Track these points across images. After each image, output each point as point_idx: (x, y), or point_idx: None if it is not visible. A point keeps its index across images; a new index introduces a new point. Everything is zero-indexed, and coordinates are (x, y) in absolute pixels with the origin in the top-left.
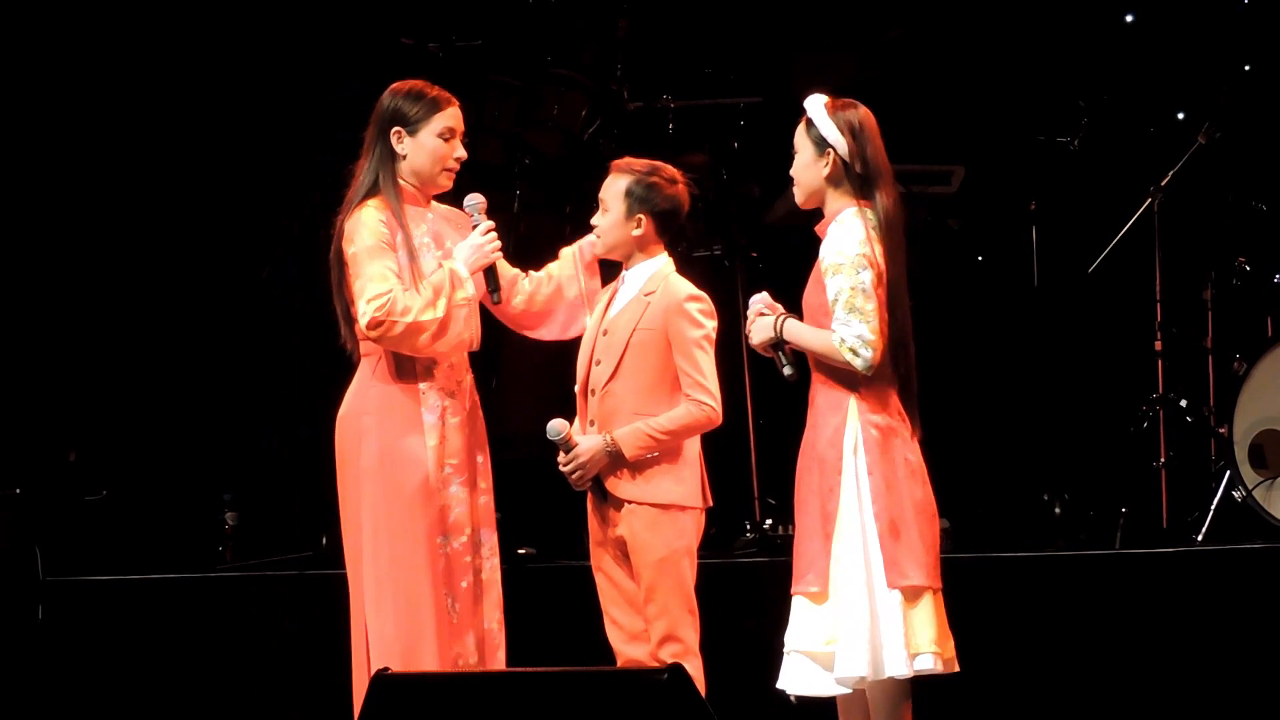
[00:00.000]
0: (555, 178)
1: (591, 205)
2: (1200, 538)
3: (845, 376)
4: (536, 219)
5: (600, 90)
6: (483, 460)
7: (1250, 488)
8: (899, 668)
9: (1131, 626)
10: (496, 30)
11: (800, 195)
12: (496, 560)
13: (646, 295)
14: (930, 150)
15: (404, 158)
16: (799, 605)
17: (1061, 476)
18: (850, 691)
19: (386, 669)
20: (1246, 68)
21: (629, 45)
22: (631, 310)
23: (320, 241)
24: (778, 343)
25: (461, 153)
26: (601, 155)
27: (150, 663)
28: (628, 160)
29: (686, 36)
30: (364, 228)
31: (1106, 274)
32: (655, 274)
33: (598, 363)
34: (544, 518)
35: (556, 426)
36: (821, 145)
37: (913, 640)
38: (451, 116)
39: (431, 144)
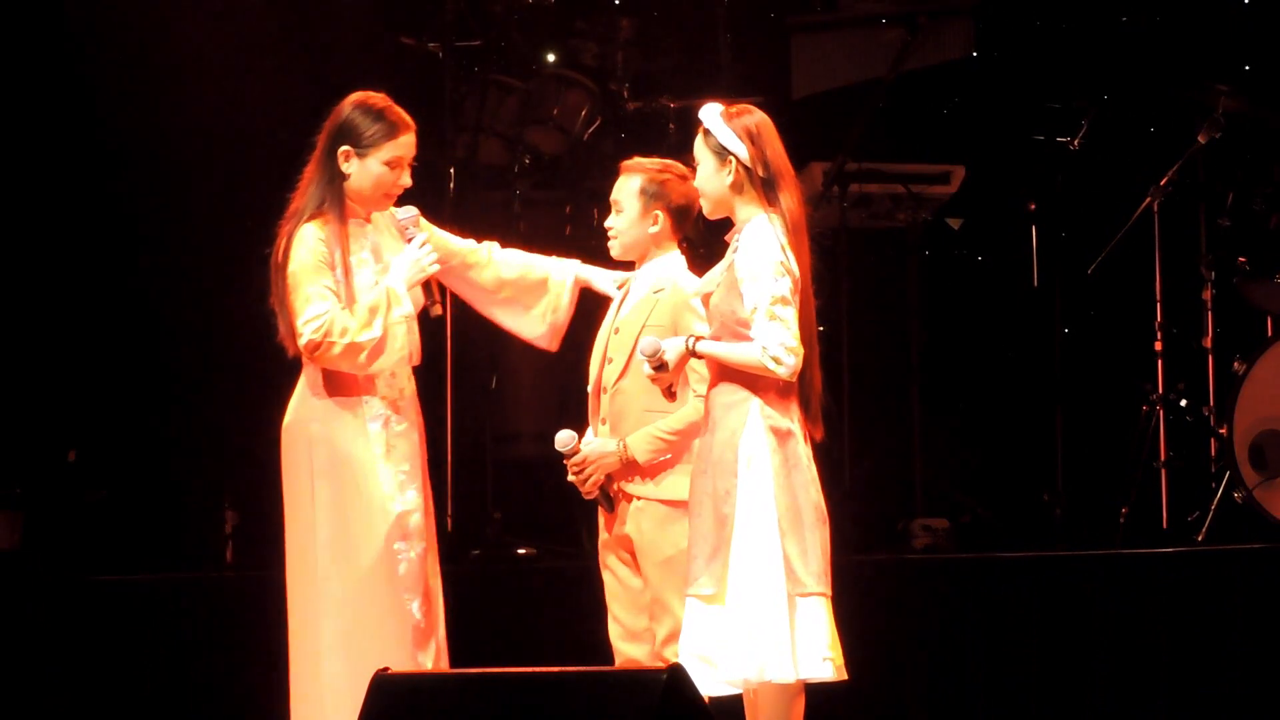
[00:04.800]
0: (555, 178)
1: (591, 205)
2: (1200, 538)
3: (747, 379)
4: (536, 219)
5: (600, 90)
6: (423, 469)
7: (1250, 488)
8: (788, 672)
9: (1131, 626)
10: (496, 30)
11: (707, 206)
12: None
13: (656, 293)
14: (930, 150)
15: (347, 177)
16: (692, 607)
17: (1062, 476)
18: (744, 691)
19: (386, 669)
20: (1246, 68)
21: (629, 45)
22: (641, 308)
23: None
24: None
25: (406, 181)
26: (601, 155)
27: (151, 663)
28: (637, 160)
29: (687, 36)
30: (303, 246)
31: (1106, 274)
32: (665, 273)
33: (609, 361)
34: (544, 518)
35: (564, 438)
36: (722, 154)
37: (811, 646)
38: (404, 145)
39: (376, 171)
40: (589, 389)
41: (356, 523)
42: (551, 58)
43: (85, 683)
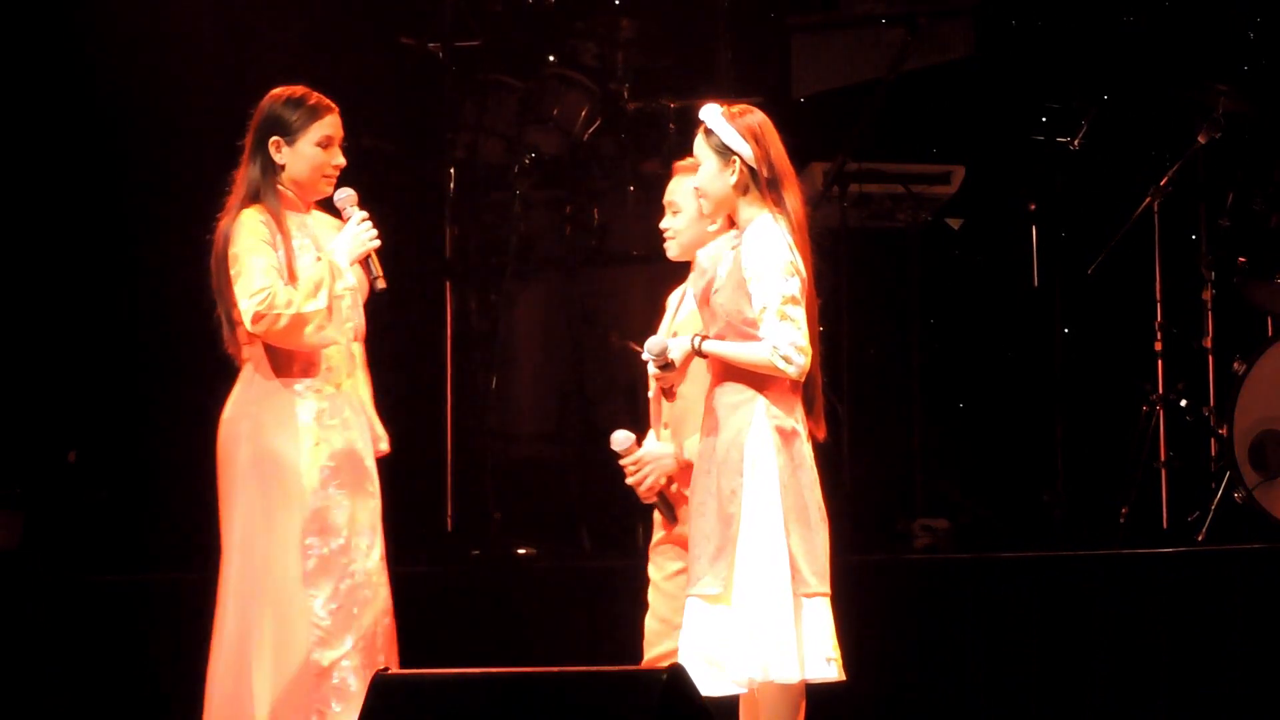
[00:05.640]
0: (555, 178)
1: (591, 205)
2: (1200, 538)
3: (753, 379)
4: (536, 219)
5: (600, 90)
6: (370, 465)
7: (1250, 488)
8: (793, 673)
9: (1131, 626)
10: (496, 30)
11: (707, 206)
12: (383, 565)
13: None
14: (930, 150)
15: (283, 166)
16: (695, 607)
17: (1062, 476)
18: (748, 691)
19: (386, 669)
20: (1246, 68)
21: (629, 45)
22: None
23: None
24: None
25: (340, 160)
26: (601, 155)
27: (150, 663)
28: (691, 160)
29: (687, 36)
30: (244, 229)
31: (1106, 274)
32: None
33: None
34: (544, 518)
35: (621, 438)
36: (725, 154)
37: (816, 647)
38: (330, 125)
39: (310, 153)
40: (650, 394)
41: (270, 515)
42: (551, 58)
43: (85, 683)
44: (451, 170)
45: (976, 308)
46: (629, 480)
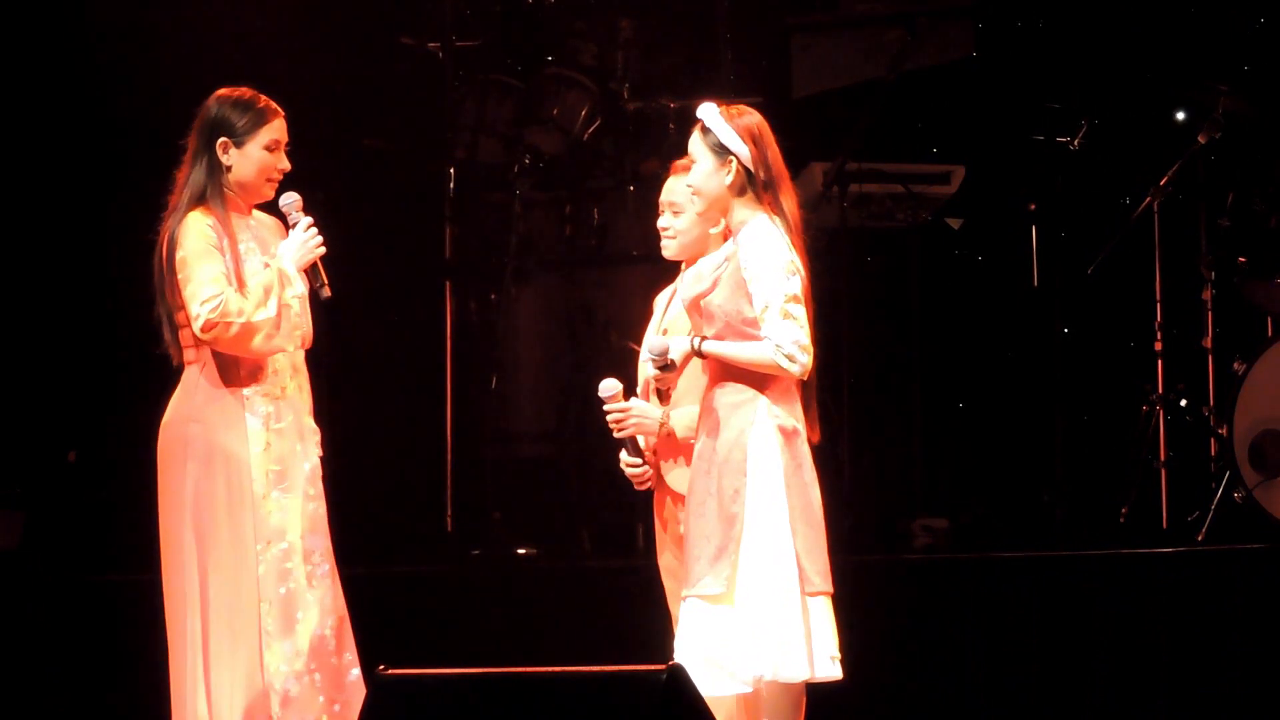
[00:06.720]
0: (555, 178)
1: (591, 205)
2: (1200, 538)
3: (754, 378)
4: (536, 219)
5: (600, 90)
6: (311, 467)
7: (1250, 488)
8: (802, 671)
9: (1131, 626)
10: (496, 30)
11: (700, 204)
12: (329, 567)
13: None
14: (930, 150)
15: (229, 168)
16: (694, 608)
17: (1061, 476)
18: (750, 691)
19: (385, 668)
20: (1246, 68)
21: (629, 45)
22: None
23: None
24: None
25: (285, 164)
26: (601, 155)
27: (150, 663)
28: (688, 160)
29: (687, 36)
30: (192, 233)
31: (1106, 274)
32: None
33: None
34: (544, 518)
35: (608, 385)
36: (722, 153)
37: (822, 646)
38: (277, 129)
39: (257, 155)
40: (639, 390)
41: (227, 517)
42: (551, 58)
43: (85, 683)
44: (451, 170)
45: (976, 308)
46: (609, 420)
